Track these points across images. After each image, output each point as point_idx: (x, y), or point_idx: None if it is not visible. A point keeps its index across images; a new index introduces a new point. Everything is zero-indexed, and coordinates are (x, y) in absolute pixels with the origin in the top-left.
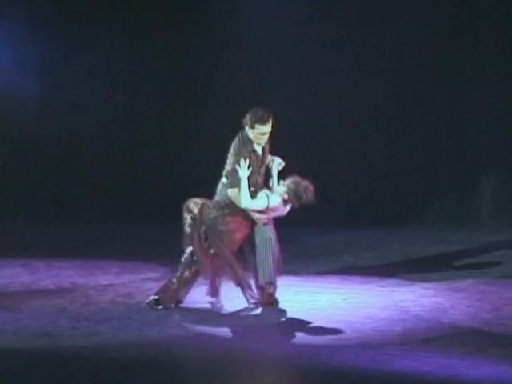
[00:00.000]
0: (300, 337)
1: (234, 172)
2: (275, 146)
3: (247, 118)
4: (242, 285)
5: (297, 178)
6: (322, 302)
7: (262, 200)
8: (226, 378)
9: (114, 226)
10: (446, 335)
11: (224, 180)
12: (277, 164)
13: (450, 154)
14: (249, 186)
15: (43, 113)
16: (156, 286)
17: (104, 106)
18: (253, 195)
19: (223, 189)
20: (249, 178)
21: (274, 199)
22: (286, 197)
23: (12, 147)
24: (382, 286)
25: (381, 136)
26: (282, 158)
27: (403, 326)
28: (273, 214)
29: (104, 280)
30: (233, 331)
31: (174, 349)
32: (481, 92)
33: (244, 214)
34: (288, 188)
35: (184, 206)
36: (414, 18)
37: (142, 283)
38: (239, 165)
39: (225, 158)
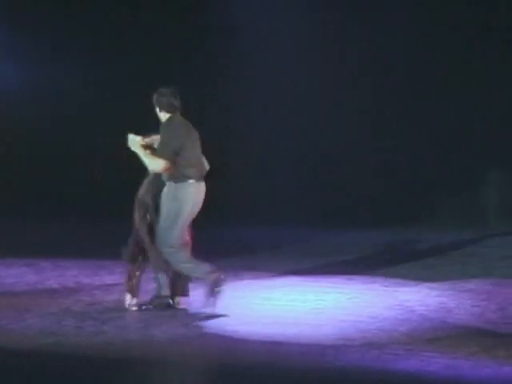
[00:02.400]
0: (304, 336)
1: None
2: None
3: None
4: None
5: None
6: (327, 301)
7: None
8: (230, 377)
9: (118, 225)
10: (451, 335)
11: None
12: None
13: (459, 154)
14: None
15: (38, 110)
16: None
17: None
18: None
19: None
20: None
21: None
22: None
23: (7, 146)
24: (387, 286)
25: (391, 137)
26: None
27: (408, 325)
28: None
29: (109, 280)
30: (237, 330)
31: (179, 348)
32: (491, 92)
33: None
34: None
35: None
36: (420, 18)
37: (146, 283)
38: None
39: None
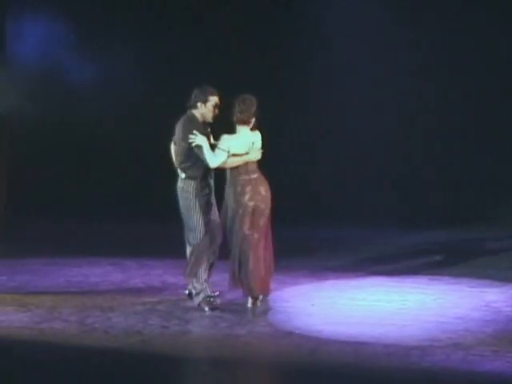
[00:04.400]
0: (390, 337)
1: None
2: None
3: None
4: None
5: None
6: (412, 302)
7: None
8: (315, 377)
9: None
10: None
11: (182, 175)
12: None
13: None
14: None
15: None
16: None
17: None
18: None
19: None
20: None
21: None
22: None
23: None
24: (473, 287)
25: (467, 141)
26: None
27: (494, 326)
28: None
29: None
30: (322, 330)
31: (264, 348)
32: None
33: None
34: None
35: None
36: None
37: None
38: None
39: None
